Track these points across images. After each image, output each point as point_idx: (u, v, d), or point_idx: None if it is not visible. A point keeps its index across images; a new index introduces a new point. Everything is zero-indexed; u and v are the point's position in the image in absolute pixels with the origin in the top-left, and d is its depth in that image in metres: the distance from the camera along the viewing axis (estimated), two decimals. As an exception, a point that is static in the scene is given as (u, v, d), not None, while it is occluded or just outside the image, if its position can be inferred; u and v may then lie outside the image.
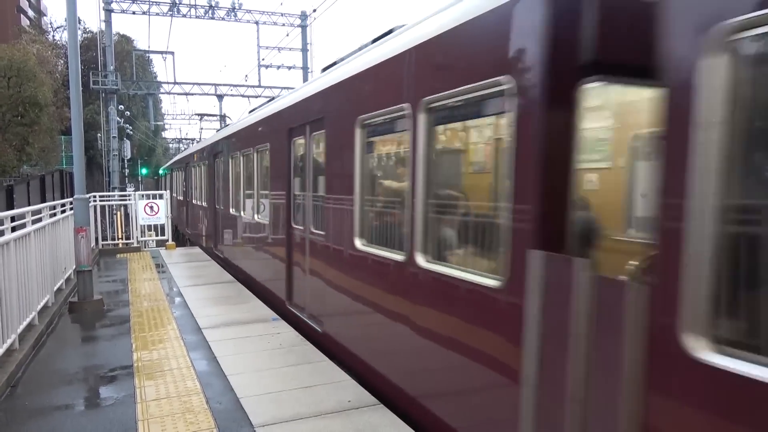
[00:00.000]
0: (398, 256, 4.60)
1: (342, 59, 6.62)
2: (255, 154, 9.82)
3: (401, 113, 4.51)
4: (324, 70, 7.34)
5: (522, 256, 3.12)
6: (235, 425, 4.36)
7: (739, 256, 2.13)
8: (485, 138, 4.05)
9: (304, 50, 34.46)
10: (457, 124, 4.24)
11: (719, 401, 2.08)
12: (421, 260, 4.24)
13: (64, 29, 44.88)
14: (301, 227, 7.37)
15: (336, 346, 6.00)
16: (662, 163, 2.31)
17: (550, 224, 3.04)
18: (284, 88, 32.99)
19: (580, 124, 3.05)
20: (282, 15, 33.56)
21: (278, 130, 8.25)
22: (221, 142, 13.21)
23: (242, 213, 10.93)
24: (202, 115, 37.29)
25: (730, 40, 2.08)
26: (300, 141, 7.38)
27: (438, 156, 4.26)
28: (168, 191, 18.48)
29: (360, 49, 6.17)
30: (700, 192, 2.15)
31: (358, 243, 5.43)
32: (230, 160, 12.02)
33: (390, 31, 5.47)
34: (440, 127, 4.24)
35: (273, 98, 9.80)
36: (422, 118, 4.19)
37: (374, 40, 5.80)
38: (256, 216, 9.87)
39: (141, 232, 15.94)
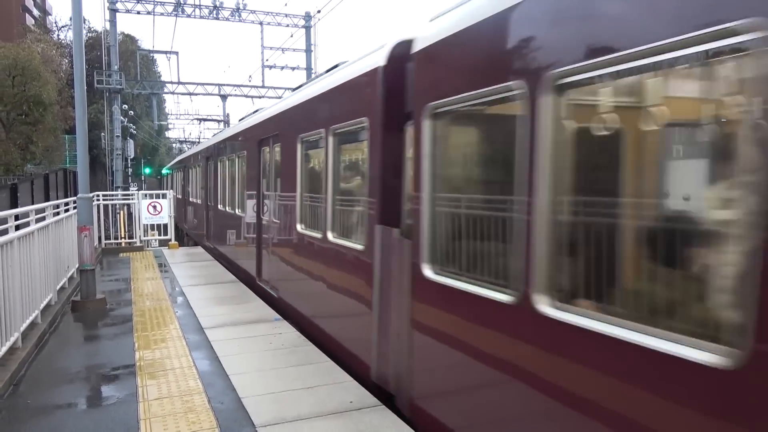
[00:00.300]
0: (319, 235, 6.55)
1: (302, 85, 8.81)
2: (237, 159, 11.80)
3: (320, 135, 6.53)
4: (294, 90, 9.46)
5: (372, 229, 5.10)
6: (237, 425, 4.36)
7: (437, 225, 4.13)
8: (359, 154, 5.77)
9: (308, 51, 34.49)
10: (349, 145, 6.14)
11: (438, 298, 4.06)
12: (330, 236, 6.21)
13: (69, 28, 45.04)
14: (266, 218, 9.27)
15: (282, 302, 8.11)
16: (414, 172, 4.39)
17: (387, 210, 5.00)
18: (288, 88, 33.05)
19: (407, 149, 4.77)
20: (286, 16, 33.64)
21: (252, 141, 10.20)
22: (211, 148, 15.51)
23: (227, 208, 12.79)
24: (201, 119, 37.34)
25: (434, 112, 4.11)
26: (266, 150, 9.34)
27: (338, 165, 6.25)
28: (172, 190, 18.54)
29: (315, 78, 8.60)
30: (424, 190, 4.21)
31: (299, 227, 7.37)
32: (218, 164, 14.02)
33: (336, 66, 7.11)
34: (341, 146, 6.20)
35: (258, 110, 11.84)
36: (330, 140, 6.23)
37: (328, 70, 7.48)
38: (236, 210, 11.71)
39: (144, 231, 15.98)
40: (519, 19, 3.28)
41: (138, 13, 31.36)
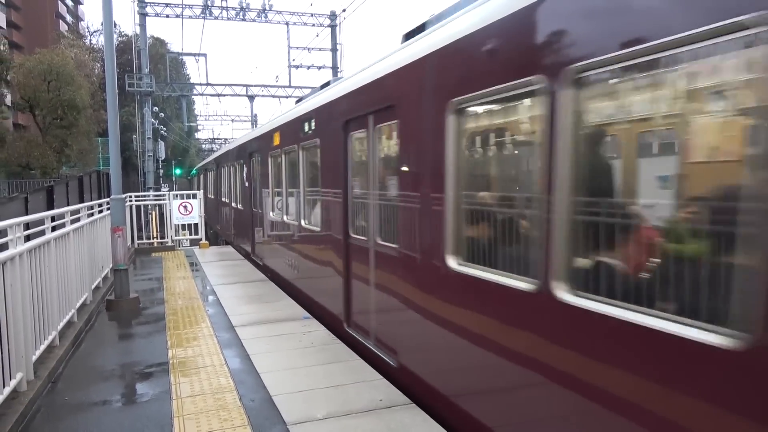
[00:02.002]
0: (294, 222, 9.05)
1: (303, 98, 10.64)
2: (251, 162, 13.23)
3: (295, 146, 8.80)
4: (297, 101, 11.06)
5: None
6: (268, 423, 4.39)
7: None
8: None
9: (334, 50, 34.58)
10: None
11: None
12: (303, 223, 8.46)
13: (101, 33, 46.00)
14: (261, 211, 11.94)
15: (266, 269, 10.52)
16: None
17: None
18: (314, 87, 33.16)
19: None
20: (312, 15, 33.76)
21: (261, 149, 11.85)
22: (229, 152, 17.57)
23: (237, 204, 15.34)
24: (232, 120, 37.70)
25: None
26: (270, 156, 10.95)
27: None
28: (202, 190, 18.80)
29: (312, 93, 9.79)
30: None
31: (278, 215, 10.08)
32: (235, 166, 15.66)
33: (327, 83, 8.47)
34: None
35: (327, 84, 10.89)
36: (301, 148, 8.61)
37: (321, 86, 8.96)
38: (239, 205, 14.56)
39: (175, 231, 16.23)
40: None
41: (167, 16, 31.82)
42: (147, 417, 4.59)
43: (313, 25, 33.80)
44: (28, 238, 5.59)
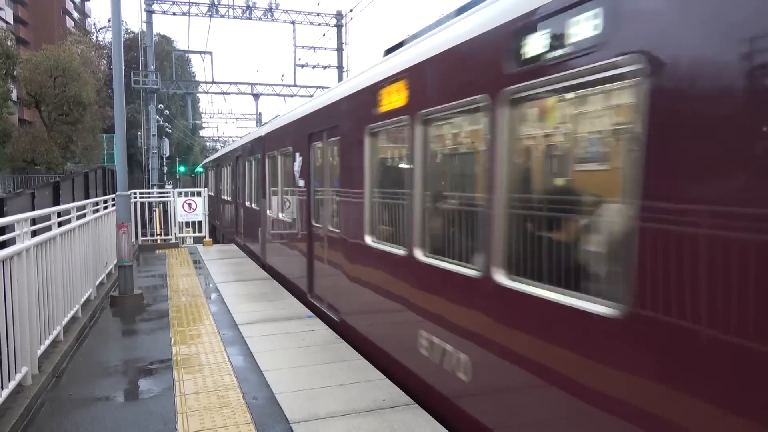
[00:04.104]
0: (273, 215, 10.85)
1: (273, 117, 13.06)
2: (244, 163, 14.90)
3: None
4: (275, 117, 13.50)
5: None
6: (271, 421, 4.40)
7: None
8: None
9: (340, 50, 34.61)
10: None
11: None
12: (272, 213, 10.59)
13: (107, 30, 46.11)
14: (253, 205, 13.67)
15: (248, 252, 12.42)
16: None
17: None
18: (319, 87, 33.21)
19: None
20: (318, 15, 33.82)
21: (253, 151, 13.46)
22: (228, 154, 19.35)
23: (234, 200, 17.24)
24: (238, 118, 37.79)
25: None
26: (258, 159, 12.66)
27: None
28: (205, 188, 18.85)
29: (289, 110, 11.50)
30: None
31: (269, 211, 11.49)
32: (229, 167, 18.12)
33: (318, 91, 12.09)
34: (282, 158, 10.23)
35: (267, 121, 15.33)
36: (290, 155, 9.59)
37: (316, 94, 11.72)
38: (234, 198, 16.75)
39: (179, 228, 16.27)
40: None
41: (173, 14, 31.91)
42: (151, 413, 4.60)
43: (320, 24, 33.86)
44: (34, 234, 5.61)
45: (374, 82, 5.75)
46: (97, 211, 9.37)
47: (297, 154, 9.02)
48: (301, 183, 8.78)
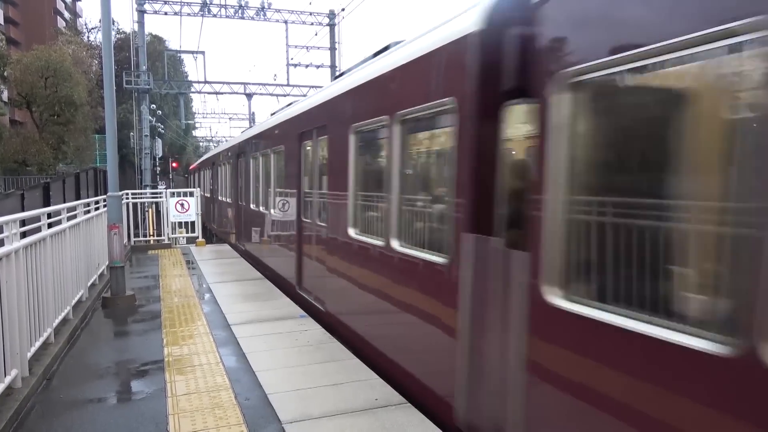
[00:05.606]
0: (264, 210, 11.16)
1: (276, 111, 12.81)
2: (227, 165, 16.65)
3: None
4: (272, 114, 13.07)
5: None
6: (264, 421, 4.39)
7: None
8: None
9: (332, 49, 34.53)
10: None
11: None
12: (260, 207, 11.54)
13: (99, 30, 45.80)
14: (244, 203, 13.86)
15: (246, 253, 12.53)
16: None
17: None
18: (312, 86, 33.15)
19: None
20: (311, 14, 33.69)
21: (240, 153, 14.61)
22: (219, 155, 20.16)
23: (224, 198, 17.92)
24: (230, 117, 37.70)
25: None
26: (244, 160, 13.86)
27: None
28: (198, 188, 18.81)
29: (280, 108, 12.21)
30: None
31: (258, 207, 11.98)
32: (220, 168, 18.97)
33: (289, 104, 11.57)
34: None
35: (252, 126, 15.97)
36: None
37: (287, 105, 11.59)
38: (227, 198, 17.05)
39: (172, 228, 16.20)
40: None
41: (165, 13, 31.70)
42: (142, 414, 4.58)
43: (312, 24, 33.74)
44: (24, 235, 5.57)
45: (332, 96, 7.21)
46: (88, 212, 9.31)
47: (287, 152, 9.56)
48: (292, 180, 9.14)
